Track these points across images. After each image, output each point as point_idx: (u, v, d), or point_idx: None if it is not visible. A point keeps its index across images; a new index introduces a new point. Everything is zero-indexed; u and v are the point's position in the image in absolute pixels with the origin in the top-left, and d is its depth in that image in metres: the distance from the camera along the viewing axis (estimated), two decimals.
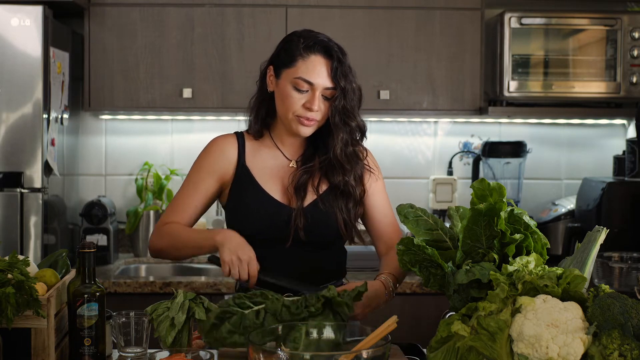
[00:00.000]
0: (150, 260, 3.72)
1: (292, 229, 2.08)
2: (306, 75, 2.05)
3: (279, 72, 2.11)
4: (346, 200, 2.12)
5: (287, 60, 2.09)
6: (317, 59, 2.06)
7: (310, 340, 1.69)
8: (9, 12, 3.12)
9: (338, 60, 2.06)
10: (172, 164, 3.86)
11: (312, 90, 2.06)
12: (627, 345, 1.38)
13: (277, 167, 2.17)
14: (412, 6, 3.57)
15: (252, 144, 2.19)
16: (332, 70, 2.05)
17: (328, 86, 2.06)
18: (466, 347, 1.51)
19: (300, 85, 2.05)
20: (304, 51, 2.06)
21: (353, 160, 2.13)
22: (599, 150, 3.98)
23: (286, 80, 2.08)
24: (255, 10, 3.52)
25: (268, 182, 2.15)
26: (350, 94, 2.07)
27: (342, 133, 2.09)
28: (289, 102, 2.07)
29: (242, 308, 1.79)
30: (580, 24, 3.60)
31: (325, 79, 2.05)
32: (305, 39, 2.08)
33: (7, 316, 1.65)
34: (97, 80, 3.50)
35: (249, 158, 2.17)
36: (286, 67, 2.09)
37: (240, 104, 3.53)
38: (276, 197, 2.13)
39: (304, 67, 2.05)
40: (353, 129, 2.11)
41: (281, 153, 2.19)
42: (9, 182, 3.15)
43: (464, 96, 3.60)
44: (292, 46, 2.09)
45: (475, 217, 1.63)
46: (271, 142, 2.19)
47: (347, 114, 2.08)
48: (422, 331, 2.92)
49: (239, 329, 1.76)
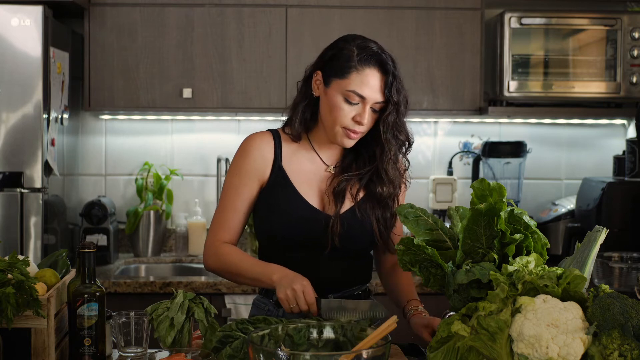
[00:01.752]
0: (150, 260, 3.73)
1: (329, 235, 2.04)
2: (359, 89, 1.99)
3: (328, 80, 2.04)
4: (383, 210, 2.10)
5: (339, 70, 2.02)
6: (372, 73, 2.01)
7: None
8: (9, 12, 3.12)
9: (393, 75, 2.02)
10: (172, 164, 3.86)
11: (363, 104, 2.01)
12: (627, 345, 1.38)
13: (313, 172, 2.13)
14: (412, 6, 3.57)
15: (289, 145, 2.14)
16: (387, 86, 2.01)
17: (379, 100, 2.02)
18: (466, 347, 1.51)
19: (351, 98, 2.00)
20: (359, 64, 2.00)
21: (400, 174, 2.14)
22: (599, 150, 3.98)
23: (336, 91, 2.02)
24: (255, 10, 3.52)
25: (304, 185, 2.10)
26: (402, 107, 2.06)
27: (394, 148, 2.09)
28: (338, 113, 2.02)
29: (244, 333, 1.77)
30: (580, 24, 3.60)
31: (377, 93, 2.01)
32: (360, 51, 2.02)
33: (7, 316, 1.65)
34: (97, 80, 3.50)
35: (286, 160, 2.12)
36: (338, 77, 2.02)
37: (240, 104, 3.54)
38: (312, 202, 2.09)
39: (358, 81, 2.00)
40: (402, 142, 2.11)
41: (319, 157, 2.14)
42: (9, 182, 3.15)
43: (464, 96, 3.60)
44: (347, 56, 2.02)
45: (475, 217, 1.63)
46: (309, 146, 2.14)
47: (399, 128, 2.07)
48: None
49: (240, 354, 1.75)
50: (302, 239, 2.07)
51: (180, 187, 3.87)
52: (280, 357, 1.54)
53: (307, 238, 2.06)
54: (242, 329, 1.80)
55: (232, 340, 1.77)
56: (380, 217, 2.10)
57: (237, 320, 1.84)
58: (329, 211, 2.08)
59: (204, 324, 1.83)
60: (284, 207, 2.08)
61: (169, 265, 3.73)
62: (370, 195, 2.11)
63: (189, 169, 3.87)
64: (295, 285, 1.92)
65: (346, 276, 2.13)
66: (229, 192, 2.12)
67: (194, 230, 3.77)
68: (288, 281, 1.95)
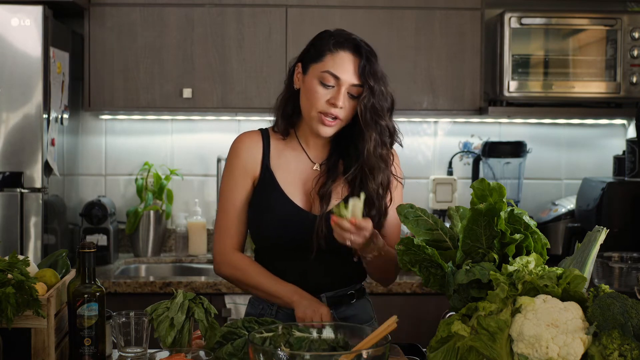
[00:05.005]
0: (150, 260, 3.73)
1: (315, 236, 2.04)
2: (333, 69, 2.01)
3: (306, 68, 2.08)
4: (369, 209, 2.07)
5: (315, 55, 2.06)
6: (346, 55, 2.03)
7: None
8: (9, 12, 3.12)
9: (367, 59, 2.03)
10: (172, 164, 3.86)
11: (338, 86, 2.02)
12: (627, 345, 1.38)
13: (300, 170, 2.13)
14: (412, 6, 3.57)
15: (277, 144, 2.15)
16: (360, 68, 2.02)
17: (354, 83, 2.02)
18: (466, 347, 1.51)
19: (326, 79, 2.02)
20: (334, 47, 2.04)
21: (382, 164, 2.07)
22: (599, 150, 3.98)
23: (313, 75, 2.05)
24: (255, 10, 3.52)
25: (290, 186, 2.11)
26: (380, 95, 2.04)
27: (373, 132, 2.04)
28: (313, 97, 2.03)
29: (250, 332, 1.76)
30: (580, 24, 3.60)
31: (352, 75, 2.02)
32: (336, 37, 2.07)
33: (7, 316, 1.65)
34: (97, 80, 3.50)
35: (274, 159, 2.13)
36: (314, 62, 2.05)
37: (240, 104, 3.54)
38: (298, 202, 2.09)
39: (331, 62, 2.02)
40: (383, 128, 2.06)
41: (306, 155, 2.15)
42: (9, 182, 3.15)
43: (464, 96, 3.60)
44: (322, 42, 2.07)
45: (475, 217, 1.63)
46: (296, 143, 2.15)
47: (378, 113, 2.04)
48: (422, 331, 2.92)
49: (240, 354, 1.75)
50: (289, 239, 2.08)
51: (180, 187, 3.87)
52: (280, 357, 1.54)
53: (293, 239, 2.07)
54: (248, 327, 1.80)
55: (236, 338, 1.77)
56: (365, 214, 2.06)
57: (244, 318, 1.84)
58: (315, 211, 2.08)
59: (204, 324, 1.83)
60: (270, 208, 2.09)
61: (169, 265, 3.73)
62: (355, 193, 2.08)
63: (189, 169, 3.87)
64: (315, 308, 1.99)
65: (337, 276, 2.13)
66: (227, 194, 2.14)
67: (194, 230, 3.77)
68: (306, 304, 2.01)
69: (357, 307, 2.17)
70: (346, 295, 2.14)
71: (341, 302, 2.13)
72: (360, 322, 2.11)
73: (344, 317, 2.11)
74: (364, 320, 2.15)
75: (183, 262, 3.74)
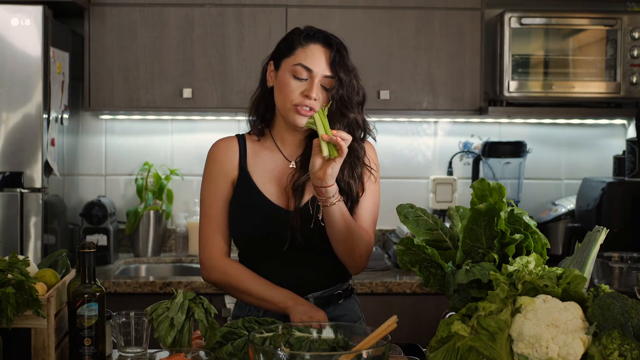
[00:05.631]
0: (150, 260, 3.73)
1: (289, 229, 2.05)
2: (305, 61, 2.04)
3: (278, 64, 2.10)
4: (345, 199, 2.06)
5: (286, 50, 2.09)
6: (317, 47, 2.06)
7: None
8: (9, 12, 3.12)
9: (337, 50, 2.06)
10: (172, 164, 3.86)
11: (311, 78, 2.04)
12: (627, 345, 1.38)
13: (277, 169, 2.15)
14: (412, 6, 3.57)
15: (253, 146, 2.18)
16: (331, 59, 2.04)
17: (326, 74, 2.04)
18: (466, 347, 1.51)
19: (299, 72, 2.04)
20: (304, 40, 2.07)
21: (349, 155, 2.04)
22: (599, 150, 3.98)
23: (285, 70, 2.07)
24: (255, 10, 3.52)
25: (267, 185, 2.13)
26: (350, 87, 2.05)
27: (338, 124, 2.05)
28: (287, 90, 2.05)
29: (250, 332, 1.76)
30: (580, 24, 3.60)
31: (323, 67, 2.04)
32: (306, 31, 2.10)
33: (7, 316, 1.65)
34: (97, 80, 3.50)
35: (250, 161, 2.15)
36: (285, 57, 2.08)
37: (240, 104, 3.54)
38: (274, 200, 2.11)
39: (303, 55, 2.05)
40: (351, 121, 2.07)
41: (281, 154, 2.16)
42: (9, 182, 3.15)
43: (464, 96, 3.60)
44: (293, 37, 2.10)
45: (475, 217, 1.63)
46: (272, 143, 2.17)
47: (345, 104, 2.05)
48: (422, 331, 2.93)
49: (240, 354, 1.74)
50: (267, 237, 2.08)
51: (180, 187, 3.87)
52: (280, 357, 1.54)
53: (271, 236, 2.07)
54: (248, 327, 1.80)
55: (236, 338, 1.77)
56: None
57: (245, 318, 1.84)
58: (291, 207, 2.09)
59: (204, 324, 1.83)
60: (247, 207, 2.10)
61: (169, 265, 3.73)
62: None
63: (189, 169, 3.87)
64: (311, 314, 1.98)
65: (322, 275, 2.13)
66: (209, 200, 2.15)
67: (194, 230, 3.77)
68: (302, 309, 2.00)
69: (345, 308, 2.17)
70: (334, 295, 2.14)
71: (329, 303, 2.13)
72: (348, 322, 2.11)
73: (332, 317, 2.10)
74: (352, 321, 2.15)
75: (183, 262, 3.74)
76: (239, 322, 1.83)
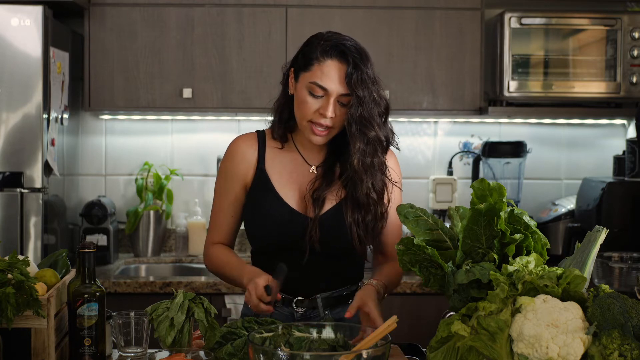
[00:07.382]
0: (150, 260, 3.73)
1: (308, 239, 2.03)
2: (320, 80, 1.97)
3: (297, 75, 2.04)
4: (363, 213, 2.04)
5: (304, 63, 2.02)
6: (333, 64, 1.98)
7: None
8: (9, 12, 3.12)
9: (354, 65, 1.97)
10: (172, 164, 3.86)
11: (327, 96, 1.98)
12: (627, 345, 1.38)
13: (296, 172, 2.12)
14: (412, 6, 3.57)
15: (273, 146, 2.14)
16: (347, 76, 1.97)
17: (343, 92, 1.98)
18: (466, 347, 1.51)
19: (314, 90, 1.98)
20: (321, 55, 1.98)
21: (371, 172, 2.02)
22: (599, 150, 3.98)
23: (302, 85, 2.01)
24: (255, 10, 3.52)
25: (285, 187, 2.10)
26: (369, 102, 1.98)
27: (358, 143, 1.99)
28: (303, 107, 2.00)
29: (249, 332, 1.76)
30: (580, 24, 3.60)
31: (339, 85, 1.97)
32: (324, 43, 2.00)
33: (7, 316, 1.65)
34: (97, 80, 3.50)
35: (269, 161, 2.12)
36: (303, 71, 2.02)
37: (240, 104, 3.54)
38: (292, 204, 2.08)
39: (319, 72, 1.98)
40: (371, 139, 2.01)
41: (302, 157, 2.13)
42: (9, 182, 3.15)
43: (464, 96, 3.60)
44: (311, 49, 2.02)
45: (475, 217, 1.63)
46: (292, 145, 2.14)
47: (364, 123, 1.98)
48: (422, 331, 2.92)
49: (240, 354, 1.74)
50: (281, 240, 2.07)
51: (180, 187, 3.87)
52: (280, 357, 1.54)
53: (286, 240, 2.06)
54: (248, 327, 1.80)
55: (236, 338, 1.77)
56: (360, 220, 2.05)
57: (244, 319, 1.84)
58: (309, 213, 2.06)
59: (204, 324, 1.83)
60: (264, 210, 2.09)
61: (169, 265, 3.73)
62: (349, 197, 2.06)
63: (189, 169, 3.87)
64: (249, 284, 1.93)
65: (333, 277, 2.12)
66: (217, 195, 2.18)
67: (194, 230, 3.77)
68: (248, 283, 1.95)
69: None
70: (342, 296, 2.14)
71: (337, 303, 2.13)
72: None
73: (340, 318, 2.10)
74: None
75: (183, 262, 3.74)
76: (239, 322, 1.83)
